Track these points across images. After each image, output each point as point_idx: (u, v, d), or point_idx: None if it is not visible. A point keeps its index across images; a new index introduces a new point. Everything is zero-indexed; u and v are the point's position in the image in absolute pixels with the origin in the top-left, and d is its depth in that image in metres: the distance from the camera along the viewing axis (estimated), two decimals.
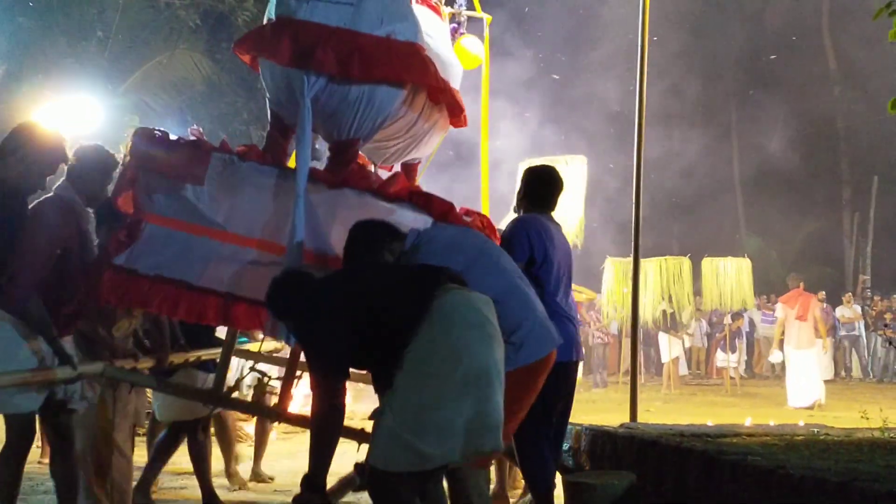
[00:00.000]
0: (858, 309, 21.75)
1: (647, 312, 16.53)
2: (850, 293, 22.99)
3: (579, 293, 12.60)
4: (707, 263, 17.18)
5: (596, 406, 13.47)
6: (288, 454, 8.30)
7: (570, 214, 12.77)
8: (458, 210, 4.87)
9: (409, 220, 4.63)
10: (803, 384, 14.25)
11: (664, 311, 17.06)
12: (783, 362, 16.28)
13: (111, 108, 14.84)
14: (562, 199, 5.36)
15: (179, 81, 17.38)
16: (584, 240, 13.69)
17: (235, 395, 5.74)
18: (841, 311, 21.47)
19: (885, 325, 20.22)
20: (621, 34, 20.70)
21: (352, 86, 4.78)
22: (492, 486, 6.13)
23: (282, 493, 6.68)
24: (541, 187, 5.25)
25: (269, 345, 6.45)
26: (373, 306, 3.73)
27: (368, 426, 4.04)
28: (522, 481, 5.85)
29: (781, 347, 15.38)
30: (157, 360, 5.39)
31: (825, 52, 30.11)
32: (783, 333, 15.07)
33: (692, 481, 4.63)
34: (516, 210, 5.35)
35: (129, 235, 4.80)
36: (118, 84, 16.54)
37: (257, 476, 7.19)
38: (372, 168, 5.88)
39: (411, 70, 4.88)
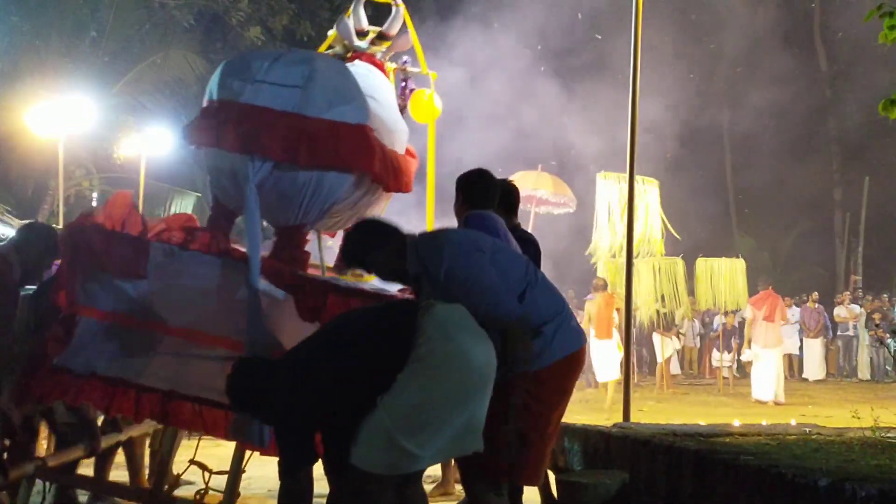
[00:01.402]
0: (856, 309, 21.80)
1: (642, 313, 16.59)
2: (848, 293, 23.09)
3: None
4: (701, 264, 17.27)
5: (589, 406, 13.50)
6: None
7: (651, 232, 14.83)
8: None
9: None
10: (769, 379, 15.21)
11: (658, 311, 17.13)
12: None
13: (105, 107, 14.86)
14: (642, 217, 5.18)
15: (174, 81, 17.41)
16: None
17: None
18: (837, 311, 21.58)
19: (876, 326, 20.32)
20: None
21: (299, 172, 4.56)
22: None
23: (275, 493, 6.66)
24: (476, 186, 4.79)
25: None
26: (359, 352, 3.69)
27: None
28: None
29: (751, 346, 16.35)
30: (91, 450, 5.19)
31: (816, 53, 30.19)
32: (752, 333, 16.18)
33: (685, 481, 4.66)
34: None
35: (66, 332, 4.57)
36: (112, 84, 16.56)
37: None
38: (314, 237, 5.77)
39: (358, 157, 4.67)
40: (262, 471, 7.33)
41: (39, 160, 15.76)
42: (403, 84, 6.24)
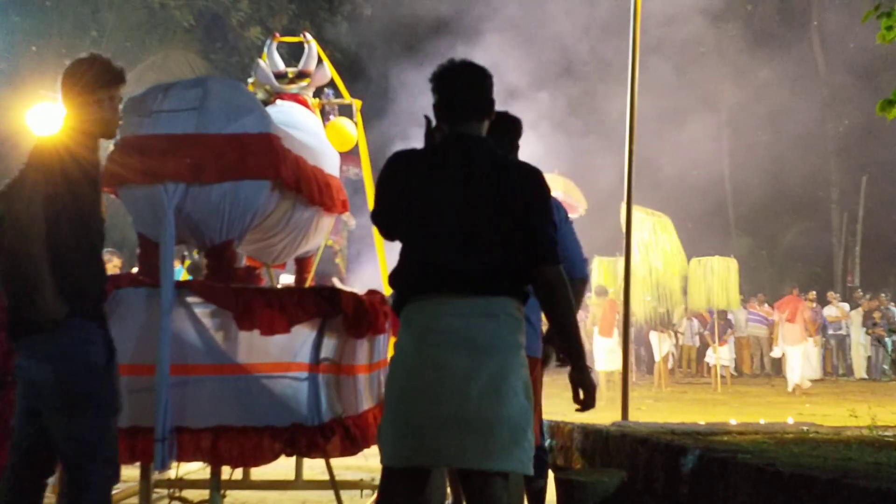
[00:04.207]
0: (846, 307, 21.87)
1: (639, 311, 16.64)
2: (832, 292, 23.21)
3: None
4: (695, 263, 17.35)
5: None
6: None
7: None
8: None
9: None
10: (795, 370, 17.24)
11: (654, 309, 17.20)
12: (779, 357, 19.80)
13: None
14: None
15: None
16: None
17: None
18: (828, 311, 21.61)
19: (875, 325, 20.37)
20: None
21: (213, 188, 4.64)
22: None
23: (277, 493, 6.68)
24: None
25: (190, 466, 5.98)
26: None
27: None
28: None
29: (777, 344, 18.73)
30: None
31: (814, 54, 30.22)
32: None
33: (683, 479, 4.69)
34: None
35: None
36: None
37: None
38: (263, 269, 5.84)
39: (265, 163, 4.73)
40: (265, 471, 7.34)
41: None
42: (325, 116, 6.63)
